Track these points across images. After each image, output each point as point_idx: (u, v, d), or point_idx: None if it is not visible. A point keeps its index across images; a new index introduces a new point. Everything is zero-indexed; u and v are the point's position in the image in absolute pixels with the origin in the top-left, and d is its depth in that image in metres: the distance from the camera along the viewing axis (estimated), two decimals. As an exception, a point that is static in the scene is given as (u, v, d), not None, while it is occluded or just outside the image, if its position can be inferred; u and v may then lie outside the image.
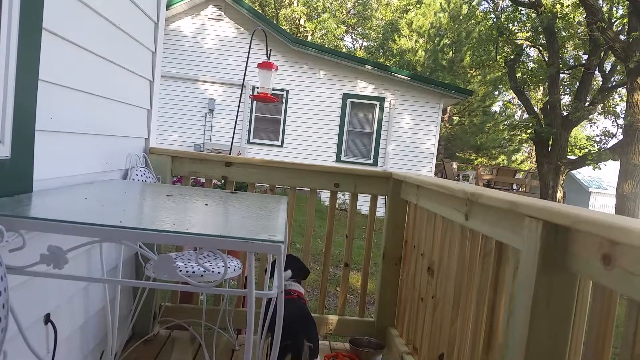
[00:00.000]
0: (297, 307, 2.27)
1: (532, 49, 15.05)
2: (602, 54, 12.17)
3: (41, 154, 1.63)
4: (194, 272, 2.20)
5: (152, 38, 2.79)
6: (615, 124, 14.19)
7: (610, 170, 16.57)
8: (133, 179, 2.52)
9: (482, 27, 16.17)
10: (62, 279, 1.58)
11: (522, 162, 28.65)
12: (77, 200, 1.64)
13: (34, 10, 1.50)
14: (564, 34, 13.74)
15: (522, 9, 13.69)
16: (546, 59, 13.18)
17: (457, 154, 25.47)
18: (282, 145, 12.48)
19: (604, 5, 12.34)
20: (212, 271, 2.20)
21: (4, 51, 1.38)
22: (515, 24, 14.02)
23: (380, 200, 3.09)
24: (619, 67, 12.56)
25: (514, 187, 16.29)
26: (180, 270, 2.17)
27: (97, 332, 2.25)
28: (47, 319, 1.67)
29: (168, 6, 11.54)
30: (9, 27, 1.39)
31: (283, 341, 1.69)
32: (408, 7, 26.42)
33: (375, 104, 12.47)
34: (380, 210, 3.01)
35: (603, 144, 13.24)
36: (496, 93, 25.59)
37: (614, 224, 0.96)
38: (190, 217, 1.68)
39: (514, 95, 18.83)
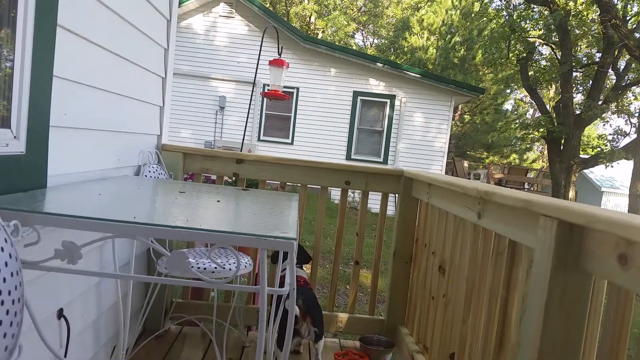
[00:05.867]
0: (303, 293, 2.42)
1: (544, 46, 14.91)
2: (616, 52, 12.03)
3: (55, 150, 1.64)
4: (205, 268, 2.20)
5: (164, 35, 2.80)
6: (628, 122, 14.04)
7: (623, 169, 16.41)
8: (145, 176, 2.54)
9: (494, 25, 16.06)
10: (76, 274, 1.60)
11: (534, 161, 28.41)
12: (90, 196, 1.65)
13: (49, 7, 1.51)
14: (577, 31, 13.61)
15: (535, 6, 13.56)
16: (559, 57, 13.05)
17: (468, 152, 25.31)
18: (292, 143, 12.47)
19: (618, 2, 12.20)
20: (224, 267, 2.21)
21: (20, 47, 1.40)
22: (528, 22, 13.88)
23: (391, 198, 3.08)
24: (633, 65, 12.42)
25: (526, 186, 16.16)
26: (192, 267, 2.18)
27: (109, 327, 2.27)
28: (60, 314, 1.68)
29: (180, 3, 11.58)
30: (25, 24, 1.40)
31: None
32: (419, 5, 26.29)
33: (386, 102, 12.42)
34: (391, 209, 3.00)
35: (616, 143, 13.12)
36: (508, 91, 25.42)
37: (631, 223, 0.94)
38: (202, 214, 1.68)
39: (526, 94, 18.67)
